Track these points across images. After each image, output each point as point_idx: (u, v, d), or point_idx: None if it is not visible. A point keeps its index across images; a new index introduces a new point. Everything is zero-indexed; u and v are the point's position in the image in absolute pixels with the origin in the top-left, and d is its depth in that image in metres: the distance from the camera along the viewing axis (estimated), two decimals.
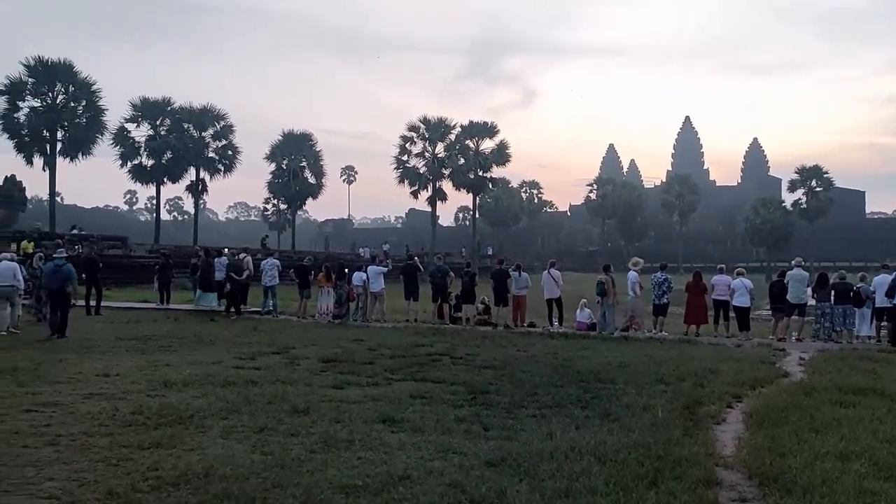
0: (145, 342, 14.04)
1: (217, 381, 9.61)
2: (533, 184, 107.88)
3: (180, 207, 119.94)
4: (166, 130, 52.12)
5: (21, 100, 45.02)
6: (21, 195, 41.65)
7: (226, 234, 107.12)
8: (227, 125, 54.26)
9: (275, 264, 21.64)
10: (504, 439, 6.81)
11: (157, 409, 7.77)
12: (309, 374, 10.54)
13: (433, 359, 12.35)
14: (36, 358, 11.59)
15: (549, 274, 19.04)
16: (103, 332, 15.76)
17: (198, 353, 12.70)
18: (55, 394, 8.69)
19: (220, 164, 54.63)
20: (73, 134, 45.68)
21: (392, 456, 6.15)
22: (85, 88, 46.03)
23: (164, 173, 52.67)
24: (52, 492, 5.14)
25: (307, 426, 7.19)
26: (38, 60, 44.90)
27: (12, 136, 44.77)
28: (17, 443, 6.41)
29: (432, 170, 61.53)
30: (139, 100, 51.66)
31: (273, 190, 64.82)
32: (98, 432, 6.85)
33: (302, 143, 62.48)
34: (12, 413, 7.52)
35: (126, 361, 11.45)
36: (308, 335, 15.78)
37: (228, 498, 4.96)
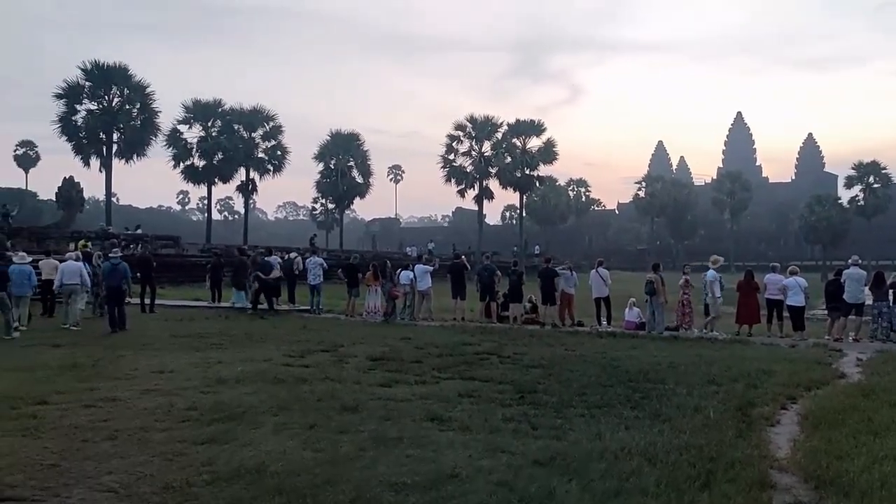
0: (198, 340, 14.32)
1: (268, 379, 9.77)
2: (580, 182, 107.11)
3: (231, 207, 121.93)
4: (217, 132, 53.00)
5: (79, 103, 46.28)
6: (79, 196, 42.73)
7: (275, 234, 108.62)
8: (276, 126, 54.98)
9: (319, 263, 21.88)
10: (552, 439, 6.79)
11: (211, 406, 7.93)
12: (357, 372, 10.63)
13: (481, 357, 12.35)
14: (95, 354, 11.91)
15: (597, 273, 18.89)
16: (158, 329, 16.13)
17: (249, 350, 12.90)
18: (113, 389, 8.93)
19: (269, 164, 55.37)
20: (128, 136, 46.81)
21: (441, 454, 6.18)
22: (139, 91, 47.12)
23: (215, 174, 53.58)
24: (111, 485, 5.29)
25: (357, 424, 7.27)
26: (94, 64, 46.11)
27: (70, 138, 46.07)
28: (78, 437, 6.61)
29: (479, 168, 61.49)
30: (191, 102, 52.69)
31: (321, 189, 65.48)
32: (154, 427, 7.02)
33: (349, 142, 62.99)
34: (73, 408, 7.74)
35: (180, 358, 11.69)
36: (356, 333, 15.91)
37: (281, 493, 5.04)
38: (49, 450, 6.13)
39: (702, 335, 16.53)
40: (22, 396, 8.08)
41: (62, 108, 45.94)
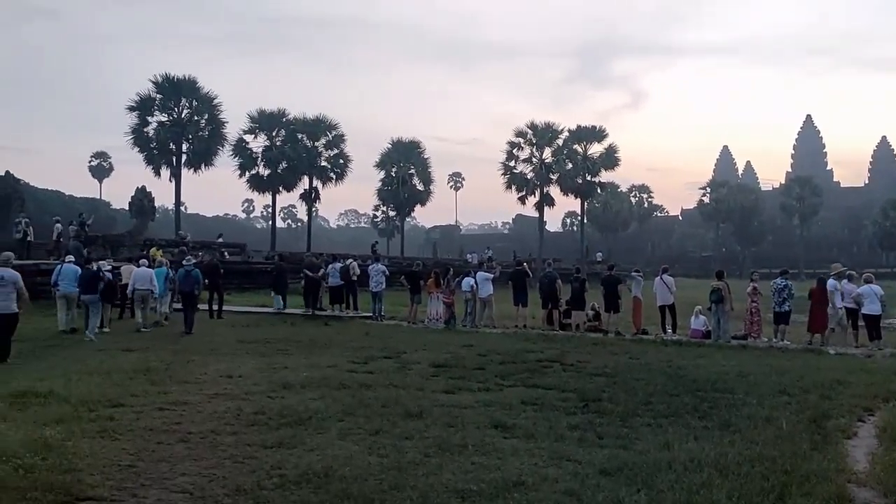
0: (264, 345, 14.60)
1: (333, 384, 9.89)
2: (643, 188, 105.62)
3: (294, 215, 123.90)
4: (281, 141, 53.93)
5: (150, 115, 47.73)
6: (150, 205, 44.24)
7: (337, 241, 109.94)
8: (338, 134, 55.66)
9: (380, 270, 22.08)
10: (619, 448, 6.70)
11: (278, 410, 8.06)
12: (420, 379, 10.68)
13: (543, 365, 12.27)
14: (166, 359, 12.25)
15: (661, 280, 18.59)
16: (225, 335, 16.49)
17: (313, 356, 13.08)
18: (184, 393, 9.16)
19: (331, 172, 56.08)
20: (197, 146, 48.05)
21: (506, 462, 6.16)
22: (207, 102, 48.34)
23: (279, 182, 54.51)
24: (185, 487, 5.43)
25: (421, 430, 7.30)
26: (164, 77, 47.51)
27: (142, 149, 47.54)
28: (152, 439, 6.80)
29: (540, 175, 61.16)
30: (256, 112, 53.74)
31: (382, 197, 66.05)
32: (224, 431, 7.18)
33: (410, 150, 63.41)
34: (147, 411, 7.97)
35: (247, 363, 11.93)
36: (419, 340, 15.99)
37: (348, 498, 5.10)
38: (125, 451, 6.32)
39: (771, 344, 16.10)
40: (99, 399, 8.35)
41: (134, 121, 47.46)
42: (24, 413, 7.47)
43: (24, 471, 5.39)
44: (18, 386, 8.75)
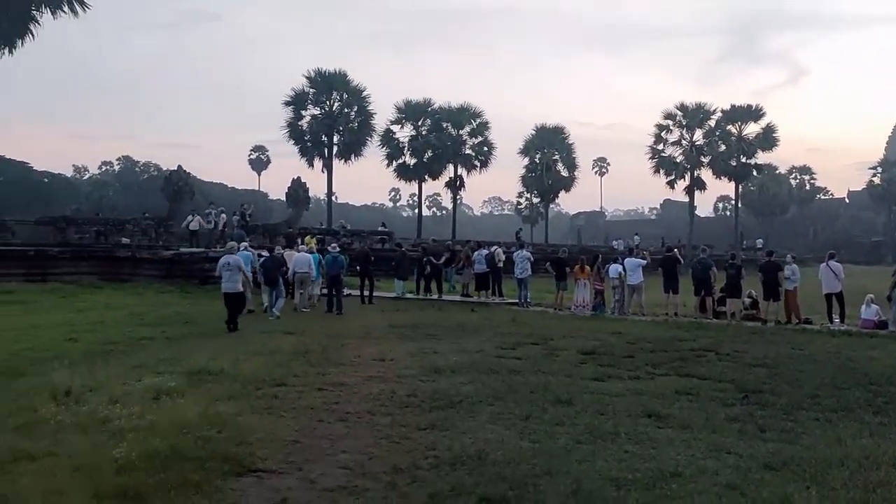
0: (413, 330, 14.94)
1: (482, 369, 9.99)
2: (804, 169, 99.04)
3: (439, 203, 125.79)
4: (427, 130, 54.91)
5: (304, 109, 50.05)
6: (305, 195, 46.32)
7: (481, 229, 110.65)
8: (482, 122, 55.99)
9: (526, 257, 22.04)
10: (783, 442, 6.37)
11: (430, 393, 8.25)
12: (569, 366, 10.60)
13: (697, 354, 11.85)
14: (323, 342, 12.81)
15: (827, 266, 17.44)
16: (376, 320, 17.04)
17: (462, 341, 13.25)
18: (341, 375, 9.56)
19: (476, 160, 56.51)
20: (347, 137, 49.88)
21: (660, 451, 6.01)
22: (357, 95, 50.04)
23: (425, 171, 55.57)
24: (345, 463, 5.67)
25: (571, 416, 7.25)
26: (317, 72, 49.64)
27: (297, 141, 49.99)
28: (314, 417, 7.14)
29: (690, 158, 58.95)
30: (403, 103, 54.97)
31: (526, 184, 65.87)
32: (380, 412, 7.43)
33: (554, 136, 62.79)
34: (307, 391, 8.38)
35: (398, 347, 12.27)
36: (566, 327, 15.86)
37: (502, 481, 5.15)
38: (290, 427, 6.68)
39: None
40: (265, 378, 8.87)
41: (290, 115, 49.92)
42: (200, 389, 8.04)
43: (203, 442, 5.82)
44: (194, 364, 9.42)
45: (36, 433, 6.10)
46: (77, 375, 8.20)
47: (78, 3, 24.47)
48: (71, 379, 7.92)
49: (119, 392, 7.61)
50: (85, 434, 6.10)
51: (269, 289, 17.85)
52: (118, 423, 6.31)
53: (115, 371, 9.31)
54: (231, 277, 14.86)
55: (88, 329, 14.58)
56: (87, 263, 27.30)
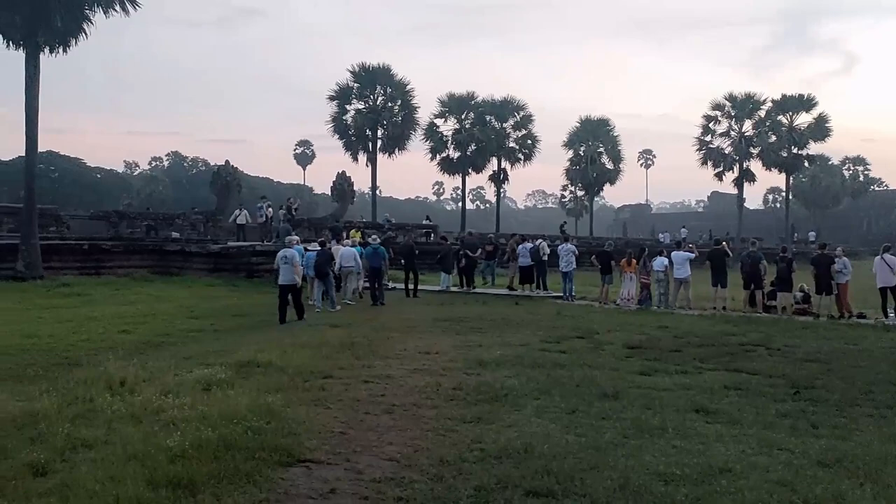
0: (458, 323, 14.97)
1: (526, 363, 9.98)
2: (857, 160, 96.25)
3: (482, 196, 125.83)
4: (471, 123, 54.88)
5: (348, 103, 50.44)
6: (350, 189, 46.62)
7: (524, 222, 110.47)
8: (526, 115, 55.75)
9: (570, 250, 21.89)
10: (837, 439, 6.24)
11: (475, 387, 8.27)
12: (615, 360, 10.53)
13: (746, 349, 11.66)
14: (368, 335, 12.92)
15: (882, 260, 16.96)
16: (421, 313, 17.11)
17: (506, 334, 13.25)
18: (386, 367, 9.63)
19: (519, 153, 56.31)
20: (391, 131, 50.15)
21: (709, 447, 5.94)
22: (400, 89, 50.24)
23: (468, 164, 55.57)
24: (392, 455, 5.72)
25: (617, 411, 7.20)
26: (361, 67, 49.97)
27: (341, 136, 50.42)
28: (360, 409, 7.22)
29: (739, 149, 57.86)
30: (446, 96, 55.01)
31: (570, 177, 65.44)
32: (425, 404, 7.47)
33: (599, 128, 62.24)
34: (354, 383, 8.47)
35: (443, 340, 12.32)
36: (611, 321, 15.74)
37: (548, 474, 5.14)
38: (337, 419, 6.76)
39: None
40: (311, 371, 8.99)
41: (334, 109, 50.38)
42: (249, 381, 8.19)
43: (253, 433, 5.92)
44: (243, 356, 9.59)
45: (93, 422, 6.28)
46: (131, 366, 8.41)
47: (129, 2, 24.93)
48: (125, 370, 8.12)
49: (171, 383, 7.78)
50: (139, 423, 6.26)
51: (320, 282, 18.17)
52: (171, 414, 6.46)
53: (166, 362, 9.52)
54: (289, 270, 15.52)
55: (140, 321, 14.95)
56: (139, 257, 27.99)
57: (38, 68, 24.44)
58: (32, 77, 24.38)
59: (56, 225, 30.86)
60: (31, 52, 24.23)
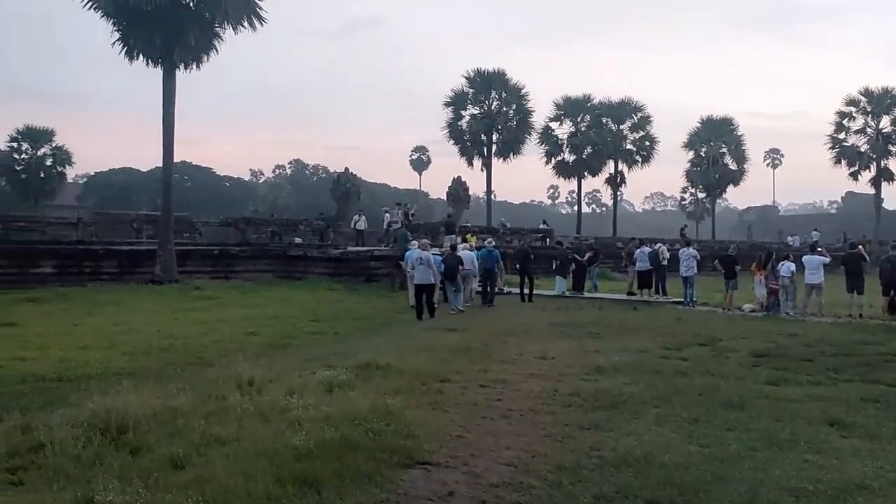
0: (574, 328, 14.81)
1: (646, 369, 9.76)
2: None
3: (598, 200, 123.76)
4: (586, 126, 54.18)
5: (463, 109, 50.86)
6: (465, 194, 46.94)
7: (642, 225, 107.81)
8: (644, 116, 54.53)
9: (692, 254, 21.23)
10: None
11: (593, 393, 8.16)
12: (740, 368, 10.15)
13: (885, 359, 10.95)
14: (484, 339, 12.98)
15: None
16: (537, 317, 17.03)
17: (624, 340, 13.00)
18: (502, 372, 9.65)
19: (637, 155, 55.14)
20: (506, 136, 50.16)
21: (844, 462, 5.63)
22: (515, 94, 50.21)
23: (584, 168, 54.88)
24: (509, 460, 5.73)
25: (743, 422, 6.94)
26: (476, 72, 50.28)
27: (457, 141, 50.88)
28: (477, 413, 7.27)
29: (876, 147, 54.38)
30: (561, 99, 54.53)
31: (691, 178, 63.49)
32: (542, 410, 7.44)
33: (722, 128, 60.05)
34: (471, 387, 8.54)
35: (559, 345, 12.21)
36: (736, 327, 15.15)
37: (670, 485, 5.01)
38: (455, 423, 6.84)
39: None
40: (429, 374, 9.12)
41: (449, 115, 50.89)
42: (369, 383, 8.39)
43: (373, 434, 6.07)
44: (363, 359, 9.83)
45: (225, 419, 6.61)
46: (258, 367, 8.79)
47: (256, 18, 26.17)
48: (253, 370, 8.50)
49: (296, 384, 8.08)
50: (267, 422, 6.53)
51: (450, 284, 18.61)
52: (296, 413, 6.71)
53: (291, 363, 9.92)
54: (425, 271, 16.82)
55: (266, 324, 15.59)
56: (265, 262, 29.26)
57: (173, 84, 26.00)
58: (169, 93, 25.95)
59: (189, 231, 32.65)
60: (168, 70, 25.80)
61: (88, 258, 25.59)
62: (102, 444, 5.73)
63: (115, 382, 8.01)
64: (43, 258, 24.84)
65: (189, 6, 25.60)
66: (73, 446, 5.59)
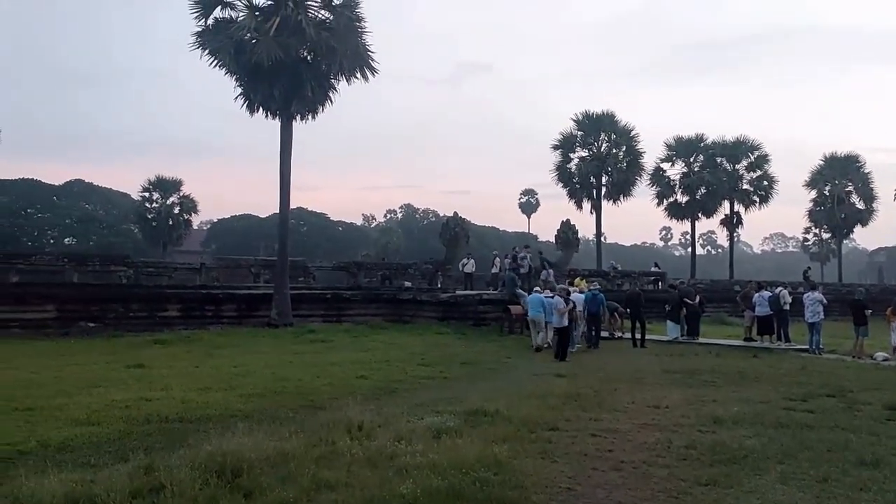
0: (689, 376, 14.27)
1: (768, 422, 9.26)
2: None
3: (713, 241, 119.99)
4: (700, 166, 52.87)
5: (572, 151, 50.68)
6: (574, 237, 46.59)
7: (761, 267, 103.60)
8: (761, 155, 52.67)
9: (817, 299, 20.12)
10: None
11: (710, 446, 7.79)
12: (872, 422, 9.46)
13: None
14: (594, 386, 12.68)
15: None
16: (649, 363, 16.52)
17: (743, 389, 12.42)
18: (613, 421, 9.37)
19: (754, 195, 53.21)
20: (616, 178, 49.56)
21: None
22: (625, 135, 49.68)
23: (697, 209, 53.41)
24: None
25: (879, 481, 6.47)
26: (584, 115, 50.15)
27: (565, 184, 50.63)
28: (587, 464, 7.06)
29: None
30: (673, 139, 53.53)
31: (814, 218, 60.55)
32: (656, 462, 7.15)
33: (847, 165, 57.19)
34: (580, 436, 8.32)
35: (673, 394, 11.77)
36: (867, 377, 14.20)
37: None
38: (564, 473, 6.66)
39: None
40: (538, 421, 8.96)
41: (558, 158, 50.80)
42: (476, 430, 8.32)
43: (480, 484, 5.99)
44: (471, 405, 9.78)
45: (334, 464, 6.69)
46: (367, 411, 8.88)
47: (369, 70, 27.11)
48: (362, 415, 8.59)
49: (404, 429, 8.11)
50: (375, 468, 6.57)
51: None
52: (404, 460, 6.72)
53: (399, 408, 9.97)
54: (557, 315, 17.92)
55: (376, 367, 15.78)
56: (375, 305, 29.82)
57: (290, 134, 27.17)
58: (286, 142, 27.12)
59: (304, 275, 33.68)
60: (286, 121, 27.01)
61: (210, 302, 26.84)
62: (218, 487, 5.91)
63: (232, 424, 8.27)
64: (169, 302, 26.25)
65: (307, 60, 26.80)
66: (191, 488, 5.79)
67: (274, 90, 26.11)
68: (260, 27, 25.18)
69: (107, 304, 25.16)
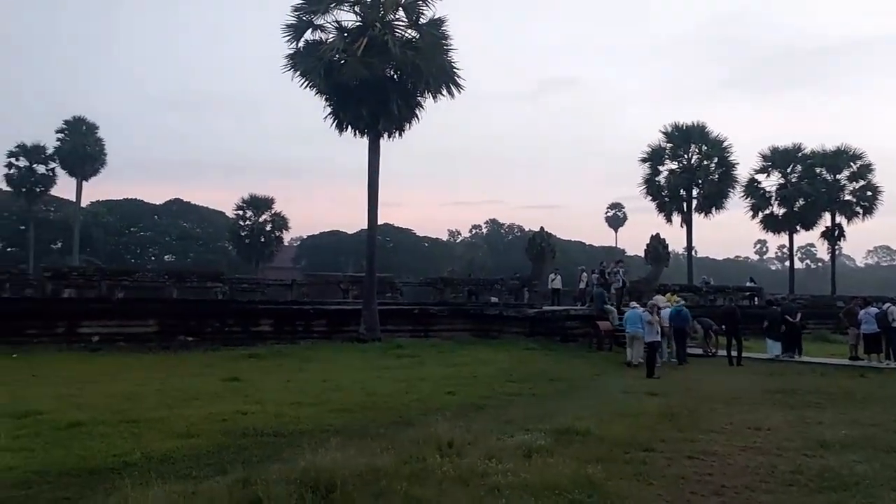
0: (791, 396, 13.66)
1: (880, 446, 8.75)
2: None
3: (813, 255, 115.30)
4: (797, 177, 50.91)
5: (661, 164, 49.58)
6: (665, 251, 45.37)
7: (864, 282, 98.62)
8: (864, 164, 50.29)
9: None
10: None
11: (818, 471, 7.40)
12: None
13: None
14: (689, 405, 12.26)
15: None
16: (747, 382, 15.90)
17: (850, 411, 11.78)
18: (711, 443, 9.01)
19: (857, 206, 50.80)
20: (707, 190, 48.19)
21: None
22: (716, 146, 48.28)
23: (795, 221, 51.38)
24: None
25: None
26: (674, 127, 49.02)
27: (654, 197, 49.55)
28: (686, 489, 6.80)
29: None
30: (768, 150, 51.73)
31: None
32: (759, 488, 6.83)
33: None
34: (677, 458, 8.03)
35: (774, 415, 11.27)
36: None
37: None
38: (661, 497, 6.43)
39: None
40: (631, 442, 8.70)
41: (646, 171, 49.78)
42: (568, 449, 8.13)
43: None
44: (561, 423, 9.60)
45: (426, 482, 6.64)
46: (457, 428, 8.82)
47: (454, 86, 27.30)
48: (452, 432, 8.54)
49: (494, 447, 8.01)
50: (466, 486, 6.49)
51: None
52: (495, 479, 6.61)
53: (488, 425, 9.86)
54: (651, 330, 18.22)
55: (464, 383, 15.72)
56: (462, 321, 29.79)
57: (378, 152, 27.56)
58: (373, 160, 27.50)
59: (391, 291, 34.05)
60: (373, 139, 27.41)
61: (301, 317, 27.43)
62: (313, 502, 5.95)
63: (324, 439, 8.35)
64: (262, 317, 26.97)
65: (393, 78, 27.19)
66: (287, 503, 5.84)
67: (362, 109, 26.55)
68: (348, 48, 25.69)
69: (204, 319, 26.06)
